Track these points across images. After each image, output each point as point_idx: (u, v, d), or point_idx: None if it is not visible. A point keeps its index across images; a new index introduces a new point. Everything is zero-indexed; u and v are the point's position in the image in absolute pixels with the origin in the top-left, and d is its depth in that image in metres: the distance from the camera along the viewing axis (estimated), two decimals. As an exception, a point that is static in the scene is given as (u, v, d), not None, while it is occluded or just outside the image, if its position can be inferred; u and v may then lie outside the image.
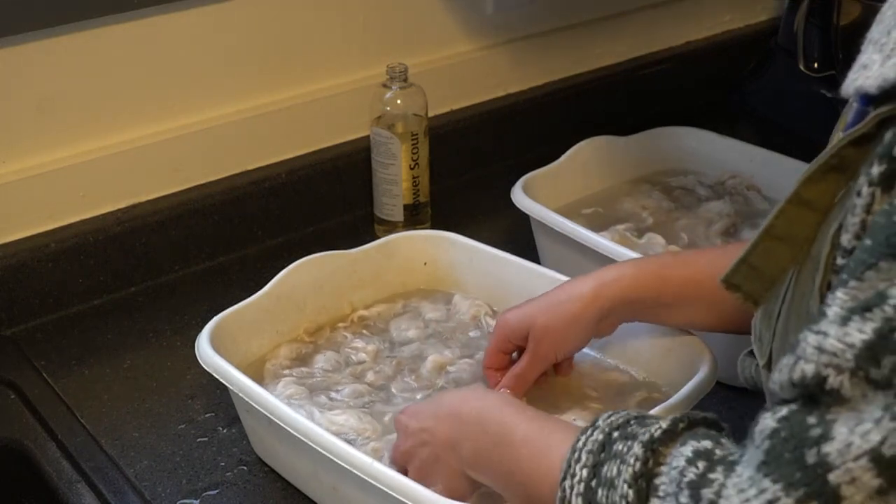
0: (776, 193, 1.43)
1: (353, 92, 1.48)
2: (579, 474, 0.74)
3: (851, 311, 0.61)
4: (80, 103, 1.30)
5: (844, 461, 0.59)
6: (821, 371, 0.61)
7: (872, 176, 0.63)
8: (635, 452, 0.71)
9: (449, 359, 1.13)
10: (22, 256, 1.27)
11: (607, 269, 1.04)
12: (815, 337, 0.62)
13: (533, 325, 1.03)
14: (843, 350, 0.60)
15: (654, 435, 0.72)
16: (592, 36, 1.71)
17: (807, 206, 0.71)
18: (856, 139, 0.67)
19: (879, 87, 0.65)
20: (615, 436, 0.74)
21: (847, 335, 0.60)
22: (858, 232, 0.64)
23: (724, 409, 1.13)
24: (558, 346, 1.04)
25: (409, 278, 1.25)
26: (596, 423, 0.77)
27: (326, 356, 1.14)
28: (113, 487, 1.06)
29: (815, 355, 0.61)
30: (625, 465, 0.71)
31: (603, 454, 0.73)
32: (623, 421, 0.76)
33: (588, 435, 0.76)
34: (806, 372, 0.61)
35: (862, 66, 0.67)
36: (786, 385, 0.63)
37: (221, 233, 1.41)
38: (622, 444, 0.73)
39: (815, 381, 0.61)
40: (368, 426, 1.03)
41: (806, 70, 1.69)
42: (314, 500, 1.03)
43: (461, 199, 1.55)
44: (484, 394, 0.92)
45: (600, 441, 0.74)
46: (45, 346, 1.26)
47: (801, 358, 0.62)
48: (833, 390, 0.60)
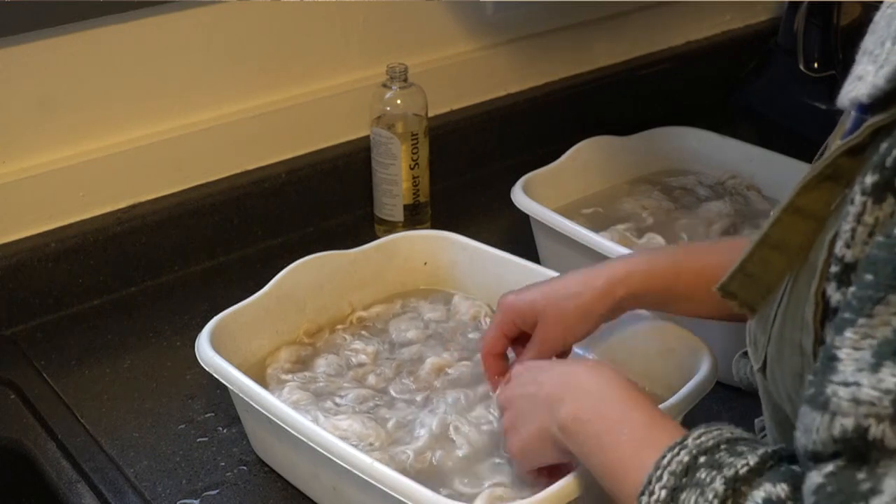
0: (776, 193, 1.43)
1: (353, 92, 1.48)
2: (658, 494, 0.73)
3: (879, 356, 0.60)
4: (80, 103, 1.30)
5: None
6: (861, 423, 0.59)
7: (865, 185, 0.63)
8: (716, 488, 0.70)
9: (448, 361, 1.13)
10: (22, 256, 1.27)
11: (618, 263, 1.03)
12: (848, 389, 0.60)
13: (543, 314, 1.02)
14: (881, 398, 0.59)
15: (738, 472, 0.70)
16: (592, 36, 1.71)
17: (802, 215, 0.71)
18: (850, 148, 0.67)
19: (871, 95, 0.65)
20: (701, 461, 0.73)
21: (881, 381, 0.59)
22: (849, 241, 0.64)
23: (724, 409, 1.14)
24: (567, 336, 1.03)
25: (409, 278, 1.25)
26: (685, 442, 0.75)
27: (328, 360, 1.14)
28: (113, 487, 1.06)
29: (853, 408, 0.60)
30: (703, 498, 0.70)
31: (685, 479, 0.72)
32: (713, 444, 0.74)
33: (674, 454, 0.74)
34: (846, 426, 0.60)
35: (857, 78, 0.67)
36: (827, 442, 0.61)
37: (221, 233, 1.41)
38: (706, 472, 0.71)
39: (857, 434, 0.60)
40: (372, 432, 1.02)
41: (806, 70, 1.69)
42: (314, 500, 1.03)
43: (461, 199, 1.55)
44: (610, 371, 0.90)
45: (685, 464, 0.73)
46: (45, 346, 1.26)
47: (836, 413, 0.61)
48: (876, 440, 0.59)
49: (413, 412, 1.07)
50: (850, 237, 0.64)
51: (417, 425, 1.04)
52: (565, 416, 0.85)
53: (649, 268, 1.02)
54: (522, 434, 0.91)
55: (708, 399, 0.99)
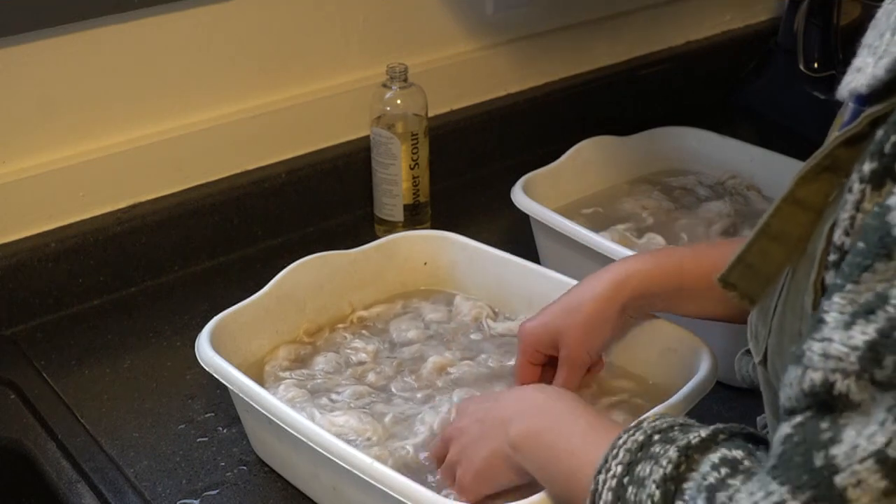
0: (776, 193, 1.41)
1: (353, 92, 1.48)
2: (614, 469, 0.75)
3: (854, 315, 0.61)
4: (80, 103, 1.30)
5: (850, 463, 0.59)
6: (828, 377, 0.61)
7: (864, 173, 0.64)
8: (669, 456, 0.72)
9: (450, 360, 1.13)
10: (22, 256, 1.27)
11: (620, 266, 1.04)
12: (820, 344, 0.62)
13: (560, 333, 1.03)
14: (848, 353, 0.60)
15: (691, 441, 0.73)
16: (592, 36, 1.71)
17: (801, 206, 0.72)
18: (848, 139, 0.68)
19: (870, 85, 0.66)
20: (655, 438, 0.75)
21: (851, 338, 0.60)
22: (848, 228, 0.65)
23: (724, 409, 1.14)
24: (590, 347, 1.03)
25: (409, 278, 1.25)
26: (640, 425, 0.77)
27: (327, 357, 1.14)
28: (113, 487, 1.06)
29: (822, 362, 0.61)
30: (657, 466, 0.72)
31: (640, 453, 0.74)
32: (667, 426, 0.77)
33: (630, 434, 0.77)
34: (815, 380, 0.62)
35: (856, 70, 0.68)
36: (799, 396, 0.63)
37: (221, 233, 1.41)
38: (660, 446, 0.74)
39: (823, 389, 0.61)
40: (369, 427, 1.03)
41: (806, 70, 1.69)
42: (314, 500, 1.03)
43: (461, 199, 1.55)
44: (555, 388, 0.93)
45: (640, 441, 0.75)
46: (45, 346, 1.26)
47: (808, 367, 0.62)
48: (841, 395, 0.60)
49: (412, 407, 1.07)
50: (849, 225, 0.65)
51: (418, 421, 1.04)
52: (517, 432, 0.87)
53: (651, 268, 1.02)
54: (474, 460, 0.91)
55: (708, 399, 0.99)
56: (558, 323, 1.03)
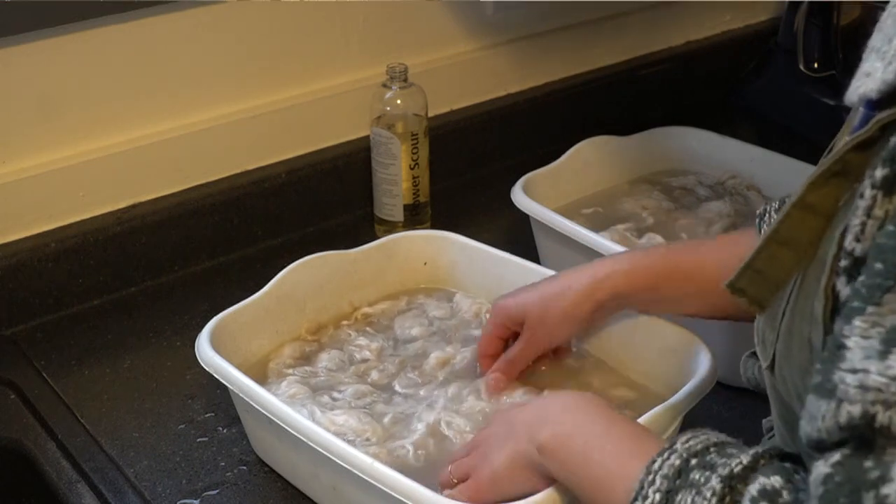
0: (776, 193, 1.43)
1: (353, 92, 1.48)
2: (652, 497, 0.73)
3: (887, 343, 0.60)
4: (80, 103, 1.30)
5: None
6: (868, 409, 0.59)
7: (875, 179, 0.63)
8: (713, 486, 0.70)
9: (451, 355, 1.13)
10: (22, 256, 1.27)
11: (601, 265, 1.04)
12: (855, 376, 0.60)
13: (528, 315, 1.05)
14: (888, 384, 0.59)
15: (733, 470, 0.71)
16: (592, 36, 1.71)
17: (811, 211, 0.71)
18: (859, 144, 0.67)
19: (880, 91, 0.65)
20: (693, 463, 0.73)
21: (889, 368, 0.59)
22: (859, 234, 0.64)
23: (724, 409, 1.14)
24: (552, 336, 1.06)
25: (410, 278, 1.25)
26: (674, 447, 0.75)
27: (330, 355, 1.14)
28: (113, 487, 1.06)
29: (860, 394, 0.60)
30: (700, 496, 0.70)
31: (678, 481, 0.72)
32: (702, 447, 0.75)
33: (664, 458, 0.75)
34: (853, 413, 0.60)
35: (865, 74, 0.68)
36: (833, 430, 0.61)
37: (221, 233, 1.41)
38: (699, 473, 0.72)
39: (864, 421, 0.59)
40: (368, 427, 1.03)
41: (806, 70, 1.69)
42: (314, 500, 1.03)
43: (461, 199, 1.55)
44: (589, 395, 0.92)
45: (677, 467, 0.73)
46: (45, 346, 1.26)
47: (843, 400, 0.60)
48: (883, 427, 0.59)
49: (412, 406, 1.07)
50: (859, 231, 0.64)
51: (415, 420, 1.05)
52: (544, 435, 0.86)
53: (630, 268, 1.03)
54: (493, 462, 0.90)
55: (708, 399, 0.99)
56: (532, 306, 1.05)
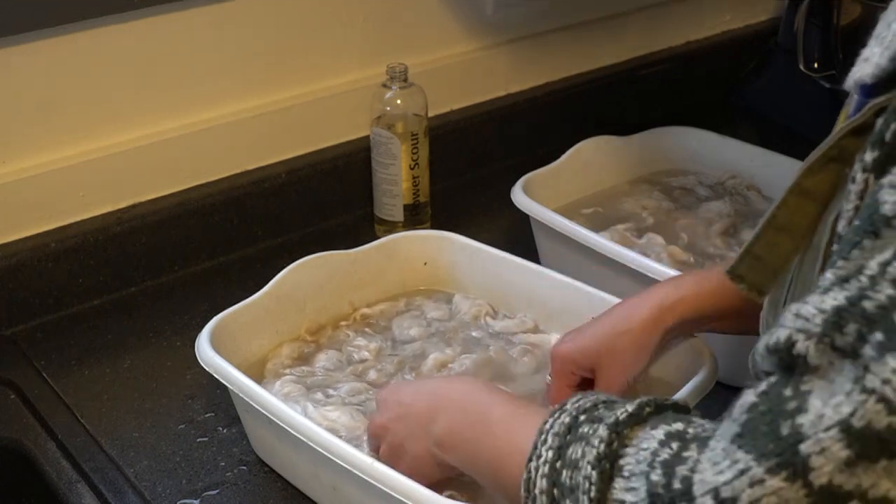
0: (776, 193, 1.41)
1: (353, 92, 1.48)
2: (545, 455, 0.74)
3: (832, 283, 0.61)
4: (80, 103, 1.30)
5: (816, 432, 0.59)
6: (792, 335, 0.61)
7: (866, 162, 0.64)
8: (600, 434, 0.71)
9: (450, 357, 1.14)
10: (22, 256, 1.27)
11: (662, 291, 1.01)
12: (796, 305, 0.62)
13: (598, 360, 1.00)
14: (815, 315, 0.61)
15: (619, 417, 0.72)
16: (592, 36, 1.71)
17: (807, 197, 0.72)
18: (854, 129, 0.68)
19: (874, 75, 0.66)
20: (582, 419, 0.74)
21: (822, 302, 0.61)
22: (851, 219, 0.65)
23: (724, 409, 1.13)
24: (629, 373, 1.00)
25: (410, 278, 1.25)
26: (564, 407, 0.77)
27: (328, 355, 1.15)
28: (113, 487, 1.06)
29: (792, 321, 0.62)
30: (589, 446, 0.71)
31: (569, 436, 0.74)
32: (591, 405, 0.76)
33: (556, 417, 0.76)
34: (780, 337, 0.62)
35: (863, 60, 0.68)
36: (762, 353, 0.64)
37: (221, 233, 1.41)
38: (588, 426, 0.73)
39: (785, 346, 0.62)
40: (360, 424, 1.03)
41: (806, 70, 1.69)
42: (314, 500, 1.03)
43: (461, 199, 1.55)
44: (470, 379, 0.94)
45: (567, 423, 0.75)
46: (45, 346, 1.26)
47: (780, 326, 0.63)
48: (800, 356, 0.61)
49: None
50: (852, 215, 0.65)
51: None
52: (438, 433, 0.88)
53: (698, 292, 1.00)
54: (406, 460, 0.92)
55: (708, 399, 0.99)
56: (598, 348, 1.00)
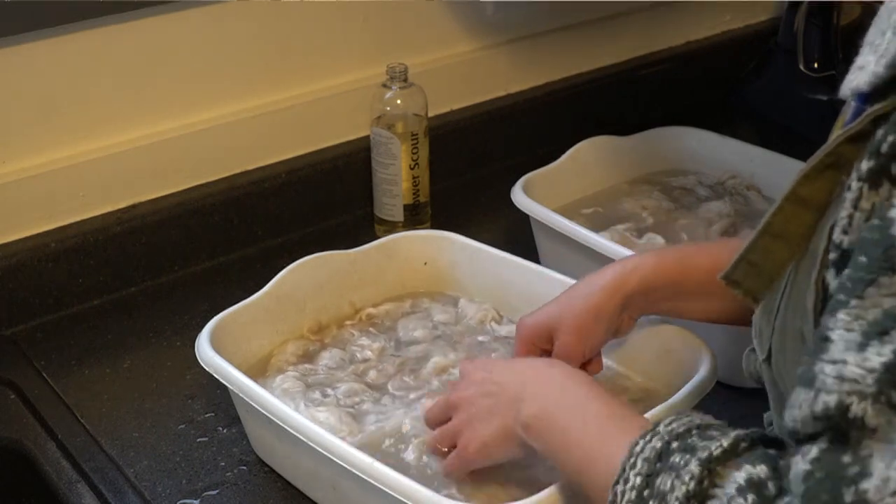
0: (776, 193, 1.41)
1: (353, 92, 1.48)
2: (633, 481, 0.73)
3: (867, 336, 0.60)
4: (80, 103, 1.30)
5: (882, 497, 0.58)
6: (843, 400, 0.60)
7: (861, 171, 0.64)
8: (691, 470, 0.70)
9: (452, 361, 1.13)
10: (22, 256, 1.27)
11: (626, 260, 1.03)
12: (833, 366, 0.61)
13: (558, 325, 1.02)
14: (864, 375, 0.59)
15: (713, 453, 0.70)
16: (592, 36, 1.71)
17: (803, 204, 0.72)
18: (851, 137, 0.68)
19: (871, 83, 0.66)
20: (674, 446, 0.73)
21: (866, 360, 0.59)
22: (846, 227, 0.64)
23: (724, 409, 1.12)
24: (585, 341, 1.01)
25: (410, 278, 1.25)
26: (656, 429, 0.75)
27: (332, 353, 1.15)
28: (113, 487, 1.06)
29: (837, 385, 0.60)
30: (679, 480, 0.70)
31: (659, 464, 0.72)
32: (684, 430, 0.74)
33: (647, 441, 0.74)
34: (828, 403, 0.60)
35: (858, 68, 0.68)
36: (807, 420, 0.62)
37: (221, 233, 1.41)
38: (680, 456, 0.72)
39: (838, 412, 0.60)
40: (345, 427, 1.03)
41: (806, 70, 1.69)
42: (314, 500, 1.03)
43: (461, 199, 1.55)
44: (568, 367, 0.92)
45: (658, 449, 0.73)
46: (45, 346, 1.26)
47: (821, 390, 0.61)
48: (857, 419, 0.59)
49: (397, 408, 1.07)
50: (847, 223, 0.64)
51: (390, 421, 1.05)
52: (528, 414, 0.87)
53: (657, 261, 1.01)
54: (483, 432, 0.91)
55: (708, 399, 0.99)
56: (557, 314, 1.02)
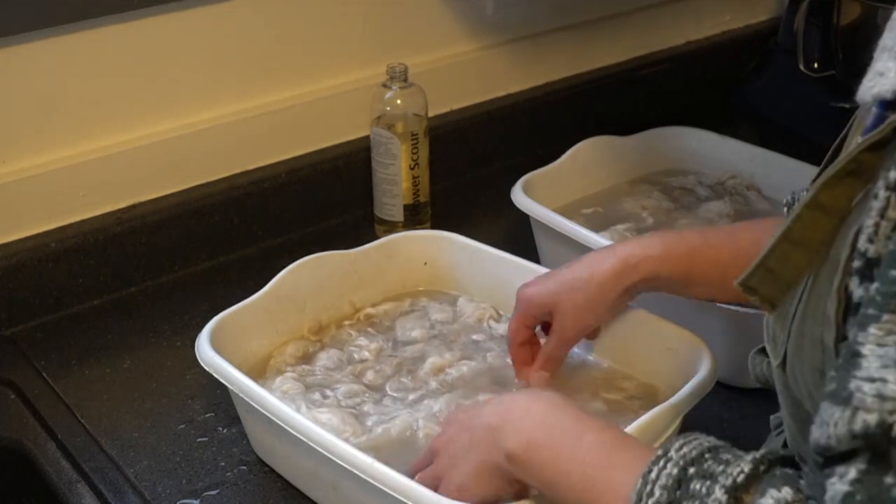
0: (776, 193, 1.43)
1: (353, 92, 1.48)
2: None
3: None
4: (80, 103, 1.30)
5: None
6: (886, 419, 0.59)
7: (889, 180, 0.63)
8: (717, 497, 0.69)
9: (448, 361, 1.13)
10: (22, 256, 1.27)
11: (629, 247, 1.03)
12: (873, 385, 0.60)
13: (557, 305, 1.03)
14: None
15: (736, 480, 0.70)
16: (592, 36, 1.71)
17: (823, 211, 0.71)
18: (873, 144, 0.67)
19: (894, 90, 0.65)
20: (691, 472, 0.72)
21: None
22: (872, 236, 0.64)
23: (724, 409, 1.14)
24: (584, 323, 1.04)
25: (410, 278, 1.25)
26: (668, 454, 0.74)
27: (329, 354, 1.15)
28: (113, 487, 1.06)
29: (878, 403, 0.59)
30: None
31: (679, 492, 0.71)
32: (697, 454, 0.74)
33: (661, 467, 0.73)
34: (869, 422, 0.60)
35: (878, 74, 0.67)
36: (844, 437, 0.61)
37: (221, 233, 1.41)
38: (700, 483, 0.71)
39: (880, 430, 0.59)
40: (349, 428, 1.03)
41: (806, 70, 1.69)
42: (314, 500, 1.03)
43: (461, 199, 1.55)
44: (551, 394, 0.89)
45: (675, 476, 0.72)
46: (45, 346, 1.26)
47: (859, 408, 0.60)
48: None
49: (398, 409, 1.07)
50: (873, 232, 0.64)
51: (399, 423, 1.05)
52: (515, 444, 0.83)
53: (662, 254, 1.01)
54: (461, 473, 0.87)
55: (708, 399, 0.99)
56: (559, 293, 1.03)
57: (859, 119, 0.75)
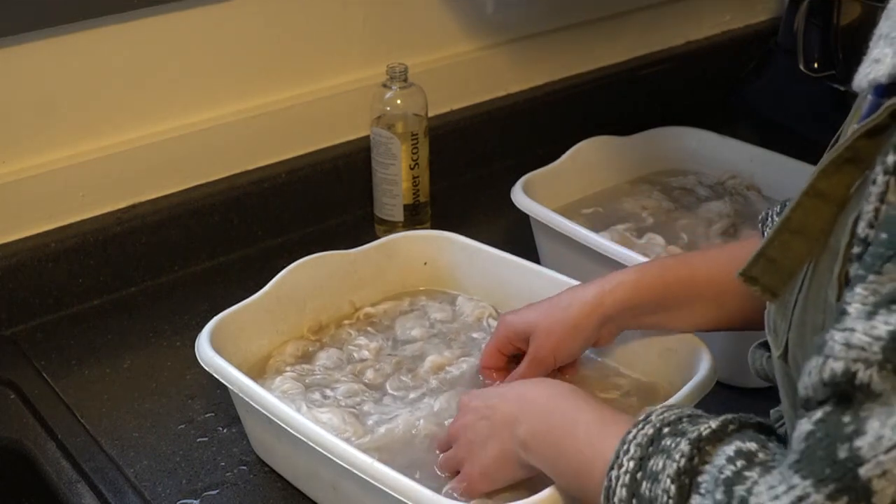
0: (776, 193, 1.43)
1: (353, 92, 1.48)
2: (626, 465, 0.75)
3: (876, 305, 0.61)
4: (80, 103, 1.30)
5: (875, 454, 0.59)
6: (850, 367, 0.61)
7: (888, 165, 0.64)
8: (682, 449, 0.73)
9: (448, 359, 1.13)
10: (22, 256, 1.27)
11: (610, 276, 1.04)
12: (843, 334, 0.62)
13: (535, 330, 1.04)
14: (871, 343, 0.60)
15: (702, 433, 0.73)
16: (592, 36, 1.71)
17: (822, 199, 0.72)
18: (869, 130, 0.67)
19: (890, 76, 0.66)
20: (665, 431, 0.76)
21: (874, 328, 0.61)
22: (872, 221, 0.65)
23: (723, 409, 1.12)
24: (558, 351, 1.04)
25: (410, 278, 1.25)
26: (648, 418, 0.78)
27: (329, 353, 1.15)
28: (113, 487, 1.06)
29: (844, 351, 0.61)
30: (670, 460, 0.73)
31: (651, 448, 0.75)
32: (675, 418, 0.77)
33: (639, 428, 0.77)
34: (836, 370, 0.62)
35: (874, 61, 0.68)
36: (818, 386, 0.63)
37: (221, 233, 1.41)
38: (671, 440, 0.74)
39: (845, 378, 0.61)
40: (350, 427, 1.03)
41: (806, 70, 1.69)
42: (314, 500, 1.03)
43: (461, 199, 1.55)
44: (556, 383, 0.94)
45: (650, 435, 0.76)
46: (45, 346, 1.26)
47: (829, 356, 0.62)
48: (863, 385, 0.61)
49: (399, 408, 1.07)
50: (872, 217, 0.65)
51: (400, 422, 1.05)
52: (524, 433, 0.88)
53: (639, 277, 1.03)
54: (482, 458, 0.92)
55: (708, 399, 0.99)
56: (537, 319, 1.04)
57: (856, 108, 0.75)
